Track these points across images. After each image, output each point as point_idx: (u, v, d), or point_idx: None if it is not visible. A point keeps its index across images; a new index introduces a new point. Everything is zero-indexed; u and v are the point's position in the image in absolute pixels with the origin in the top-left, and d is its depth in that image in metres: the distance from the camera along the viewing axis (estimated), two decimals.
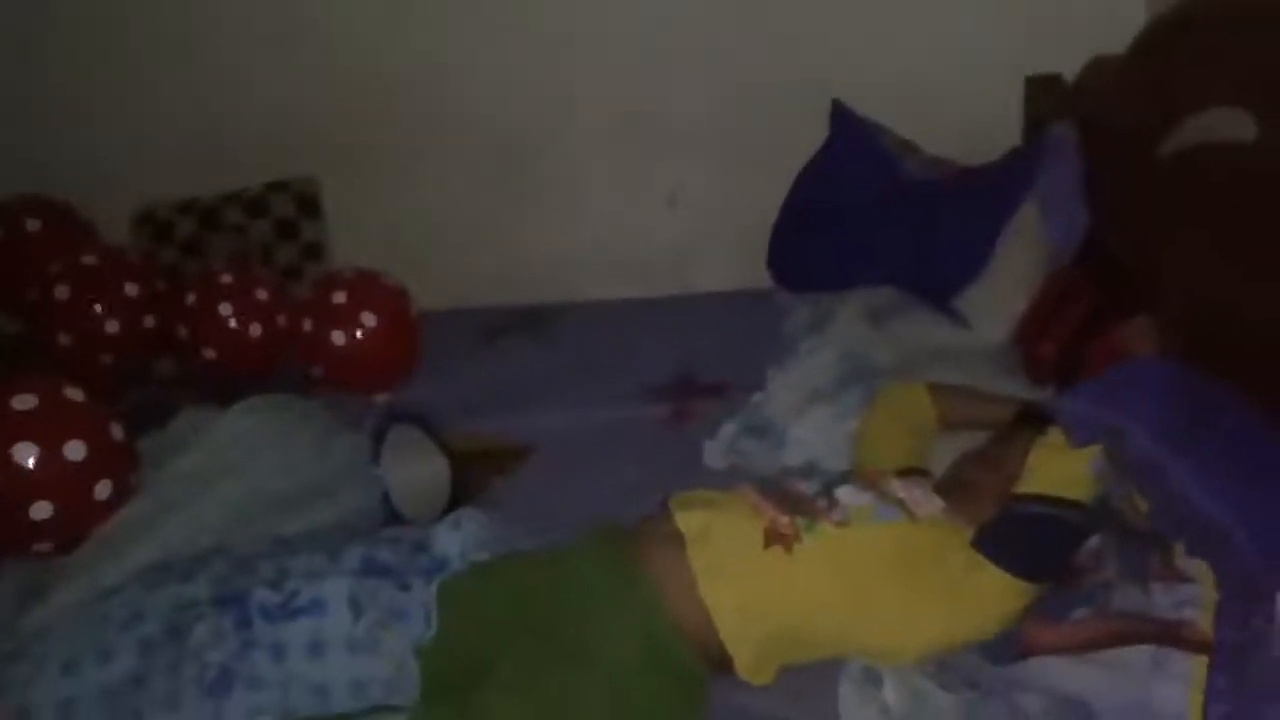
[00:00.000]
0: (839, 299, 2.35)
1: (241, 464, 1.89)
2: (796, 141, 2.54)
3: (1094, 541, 1.52)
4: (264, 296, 2.49)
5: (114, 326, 2.48)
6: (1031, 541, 1.51)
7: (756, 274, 2.60)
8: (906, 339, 2.21)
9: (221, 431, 1.95)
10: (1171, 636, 1.36)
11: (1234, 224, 1.76)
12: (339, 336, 2.32)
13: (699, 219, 2.79)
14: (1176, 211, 1.87)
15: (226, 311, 2.44)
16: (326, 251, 2.83)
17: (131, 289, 2.52)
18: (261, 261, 2.73)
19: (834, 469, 1.82)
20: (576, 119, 2.75)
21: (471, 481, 1.97)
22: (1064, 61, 2.41)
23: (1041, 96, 2.46)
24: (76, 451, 1.78)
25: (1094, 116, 2.21)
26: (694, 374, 2.35)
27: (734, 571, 1.46)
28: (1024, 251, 2.22)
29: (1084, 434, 1.53)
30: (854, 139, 2.51)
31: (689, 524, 1.51)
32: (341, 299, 2.35)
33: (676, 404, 2.25)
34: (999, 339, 2.17)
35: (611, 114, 2.72)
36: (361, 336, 2.33)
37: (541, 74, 2.70)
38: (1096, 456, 1.52)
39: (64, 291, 2.46)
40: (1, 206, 2.74)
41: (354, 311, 2.33)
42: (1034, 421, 1.64)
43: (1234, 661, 1.29)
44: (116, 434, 1.87)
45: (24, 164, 2.81)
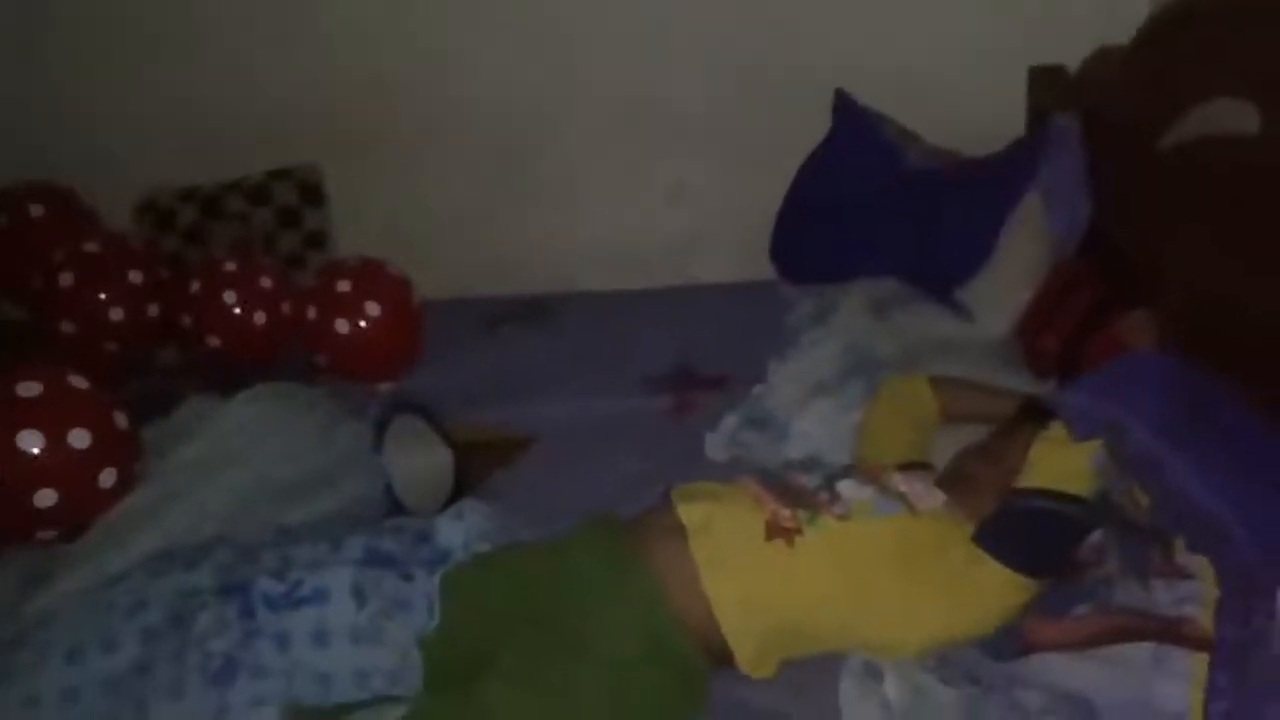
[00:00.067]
0: (842, 290, 2.34)
1: (245, 452, 1.89)
2: (798, 134, 2.52)
3: (1095, 537, 1.52)
4: (268, 284, 2.49)
5: (118, 314, 2.49)
6: (1032, 536, 1.51)
7: (758, 266, 2.59)
8: (909, 331, 2.20)
9: (225, 420, 1.96)
10: (1172, 634, 1.36)
11: (1236, 217, 1.76)
12: (343, 325, 2.33)
13: (701, 211, 2.78)
14: (1178, 204, 1.87)
15: (230, 299, 2.44)
16: (329, 240, 2.82)
17: (135, 277, 2.52)
18: (264, 250, 2.72)
19: (836, 462, 1.82)
20: (579, 111, 2.73)
21: (473, 472, 1.97)
22: (1067, 53, 2.39)
23: (1045, 88, 2.44)
24: (81, 439, 1.79)
25: (1097, 108, 2.20)
26: (696, 365, 2.35)
27: (735, 564, 1.47)
28: (1027, 243, 2.21)
29: (1085, 428, 1.53)
30: (857, 130, 2.50)
31: (691, 516, 1.52)
32: (345, 288, 2.35)
33: (678, 395, 2.25)
34: (1002, 331, 2.16)
35: (614, 105, 2.70)
36: (365, 325, 2.33)
37: (544, 65, 2.69)
38: (1098, 451, 1.52)
39: (68, 279, 2.47)
40: (5, 193, 2.74)
41: (358, 300, 2.34)
42: (1036, 415, 1.64)
43: (1235, 659, 1.30)
44: (120, 422, 1.87)
45: (27, 151, 2.81)
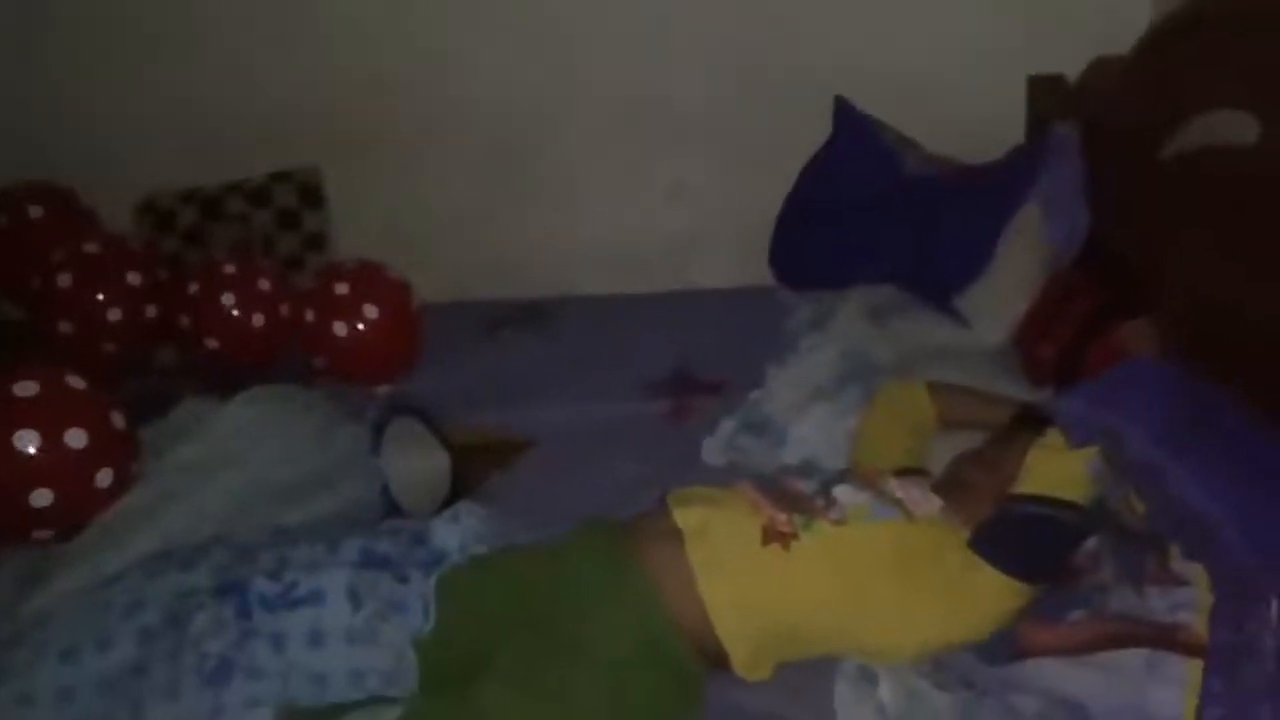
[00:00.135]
0: (840, 297, 2.34)
1: (243, 454, 1.90)
2: (797, 138, 2.53)
3: (1091, 543, 1.52)
4: (266, 286, 2.49)
5: (116, 315, 2.48)
6: (1028, 542, 1.51)
7: (757, 270, 2.59)
8: (907, 338, 2.20)
9: (223, 421, 1.96)
10: (1167, 640, 1.37)
11: (1236, 224, 1.76)
12: (341, 327, 2.32)
13: (700, 211, 2.78)
14: (1179, 212, 1.87)
15: (229, 301, 2.44)
16: (328, 242, 2.82)
17: (134, 278, 2.52)
18: (263, 251, 2.72)
19: (833, 467, 1.82)
20: (579, 111, 2.74)
21: (471, 475, 1.97)
22: (1067, 55, 2.41)
23: (1044, 96, 2.45)
24: (78, 439, 1.79)
25: (1097, 117, 2.20)
26: (694, 370, 2.34)
27: (732, 568, 1.47)
28: (1025, 252, 2.22)
29: (1082, 435, 1.53)
30: (857, 136, 2.51)
31: (687, 520, 1.52)
32: (344, 290, 2.35)
33: (676, 400, 2.25)
34: (999, 339, 2.17)
35: (614, 105, 2.71)
36: (363, 328, 2.33)
37: (544, 65, 2.69)
38: (1094, 458, 1.52)
39: (66, 279, 2.46)
40: (4, 193, 2.74)
41: (356, 303, 2.33)
42: (1032, 422, 1.64)
43: (1229, 665, 1.30)
44: (118, 422, 1.87)
45: (27, 151, 2.81)
